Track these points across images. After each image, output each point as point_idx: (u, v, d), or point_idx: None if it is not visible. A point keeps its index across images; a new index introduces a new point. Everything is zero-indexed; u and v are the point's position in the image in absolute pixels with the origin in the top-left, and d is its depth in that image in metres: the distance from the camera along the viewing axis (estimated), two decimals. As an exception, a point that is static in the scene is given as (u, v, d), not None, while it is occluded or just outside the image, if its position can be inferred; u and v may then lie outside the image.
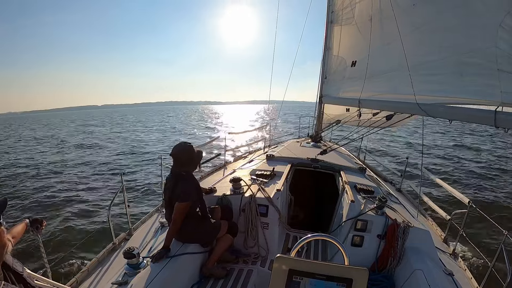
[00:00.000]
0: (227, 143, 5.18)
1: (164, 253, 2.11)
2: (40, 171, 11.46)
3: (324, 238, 1.40)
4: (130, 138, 23.25)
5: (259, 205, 2.80)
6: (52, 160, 13.79)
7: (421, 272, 2.11)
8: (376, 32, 3.56)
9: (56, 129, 36.85)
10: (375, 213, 2.63)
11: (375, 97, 3.50)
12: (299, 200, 3.80)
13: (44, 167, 12.32)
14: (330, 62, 5.23)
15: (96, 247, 4.76)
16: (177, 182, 2.22)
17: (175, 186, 2.21)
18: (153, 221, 3.24)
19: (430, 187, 7.26)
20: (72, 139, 23.86)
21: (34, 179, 10.38)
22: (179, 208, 2.14)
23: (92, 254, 2.57)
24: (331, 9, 5.03)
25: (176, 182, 2.23)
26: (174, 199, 2.18)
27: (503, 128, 1.53)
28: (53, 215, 6.86)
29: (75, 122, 54.29)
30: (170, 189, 2.24)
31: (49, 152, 16.98)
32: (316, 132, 5.99)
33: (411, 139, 18.47)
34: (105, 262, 2.51)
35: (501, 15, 1.56)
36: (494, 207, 7.10)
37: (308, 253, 2.80)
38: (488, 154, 13.71)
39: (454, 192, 3.26)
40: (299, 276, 1.11)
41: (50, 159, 14.35)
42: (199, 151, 2.39)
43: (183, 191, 2.16)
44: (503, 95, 1.57)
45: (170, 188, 2.25)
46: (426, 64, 2.44)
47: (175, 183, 2.22)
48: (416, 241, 2.46)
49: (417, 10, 2.66)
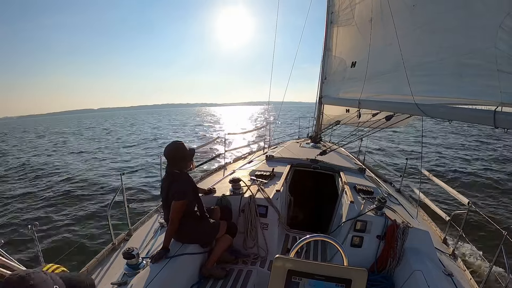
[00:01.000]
0: (226, 144, 5.18)
1: (164, 253, 2.11)
2: (37, 172, 11.46)
3: (323, 238, 1.40)
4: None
5: (259, 206, 2.80)
6: (49, 161, 13.77)
7: (421, 272, 2.11)
8: (376, 33, 3.56)
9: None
10: (375, 214, 2.63)
11: (375, 98, 3.50)
12: (298, 200, 3.80)
13: (40, 167, 12.31)
14: (330, 62, 5.24)
15: (96, 248, 4.76)
16: (172, 182, 2.22)
17: (170, 185, 2.21)
18: (153, 221, 3.24)
19: (429, 188, 7.26)
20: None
21: (32, 179, 10.39)
22: (175, 206, 2.14)
23: (92, 255, 2.57)
24: (331, 10, 5.05)
25: (171, 181, 2.23)
26: (170, 198, 2.18)
27: (503, 128, 1.54)
28: (52, 215, 6.85)
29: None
30: (166, 189, 2.24)
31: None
32: (316, 133, 5.99)
33: (412, 139, 18.51)
34: (104, 262, 2.51)
35: (501, 16, 1.57)
36: (494, 208, 7.11)
37: (307, 253, 2.80)
38: (487, 154, 13.72)
39: (454, 193, 3.26)
40: (298, 276, 1.11)
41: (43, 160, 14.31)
42: (191, 149, 2.39)
43: (178, 190, 2.16)
44: (502, 95, 1.58)
45: (166, 188, 2.24)
46: (426, 65, 2.44)
47: (170, 183, 2.22)
48: (416, 241, 2.46)
49: (417, 11, 2.66)
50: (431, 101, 2.26)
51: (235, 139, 16.48)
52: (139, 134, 28.82)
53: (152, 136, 25.66)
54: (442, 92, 2.18)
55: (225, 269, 2.50)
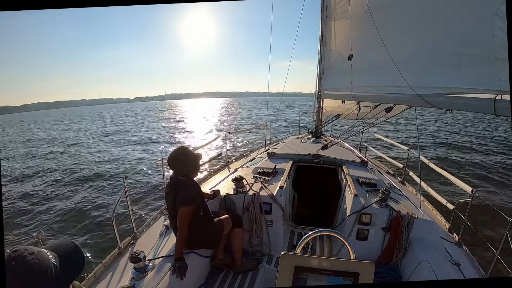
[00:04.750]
0: (227, 143, 5.18)
1: (184, 265, 2.09)
2: (42, 177, 11.49)
3: (329, 233, 1.41)
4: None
5: (263, 203, 2.81)
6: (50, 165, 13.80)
7: (427, 263, 2.12)
8: (372, 25, 3.54)
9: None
10: (379, 206, 2.63)
11: (373, 90, 3.49)
12: (302, 196, 3.80)
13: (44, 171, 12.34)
14: (327, 57, 5.22)
15: (102, 253, 4.78)
16: (177, 188, 2.16)
17: (177, 193, 2.14)
18: (158, 224, 3.25)
19: (432, 178, 7.23)
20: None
21: (34, 183, 10.42)
22: (184, 212, 2.08)
23: (98, 259, 2.58)
24: (326, 3, 5.02)
25: (177, 189, 2.16)
26: (178, 205, 2.11)
27: (503, 116, 1.53)
28: (57, 223, 6.89)
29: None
30: (172, 197, 2.18)
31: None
32: (316, 128, 5.99)
33: (411, 130, 18.48)
34: (111, 267, 2.52)
35: (497, 3, 1.56)
36: (498, 195, 7.10)
37: (313, 248, 2.81)
38: (489, 141, 13.68)
39: (457, 182, 3.25)
40: (306, 272, 1.12)
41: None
42: (198, 154, 2.33)
43: (186, 195, 2.11)
44: (501, 83, 1.57)
45: (172, 197, 2.18)
46: (423, 55, 2.43)
47: (176, 190, 2.16)
48: (421, 232, 2.47)
49: (412, 1, 2.65)
50: (429, 91, 2.26)
51: (236, 138, 16.48)
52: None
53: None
54: (440, 82, 2.17)
55: (255, 259, 2.61)
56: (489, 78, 1.70)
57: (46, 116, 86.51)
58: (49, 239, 5.89)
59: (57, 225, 6.72)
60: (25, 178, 11.38)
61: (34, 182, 10.66)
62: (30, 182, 10.70)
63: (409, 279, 2.23)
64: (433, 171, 3.89)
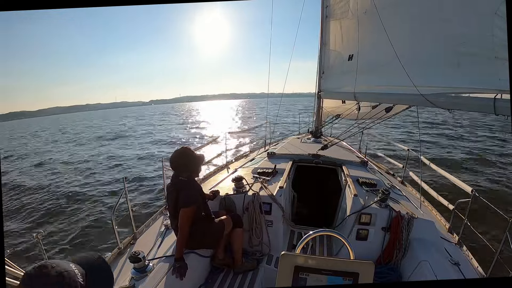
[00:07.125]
0: (227, 143, 5.18)
1: (185, 265, 2.08)
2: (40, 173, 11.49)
3: (329, 233, 1.41)
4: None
5: (263, 203, 2.81)
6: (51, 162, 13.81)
7: (427, 262, 2.11)
8: (372, 25, 3.54)
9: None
10: (379, 206, 2.63)
11: (374, 90, 3.49)
12: (302, 196, 3.80)
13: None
14: (327, 57, 5.22)
15: (102, 253, 4.78)
16: (179, 189, 2.15)
17: (179, 194, 2.14)
18: (158, 224, 3.25)
19: (432, 178, 7.24)
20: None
21: (34, 182, 10.41)
22: (185, 213, 2.07)
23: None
24: (326, 3, 5.02)
25: (179, 189, 2.16)
26: (179, 206, 2.11)
27: (503, 115, 1.53)
28: (56, 222, 6.88)
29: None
30: (174, 198, 2.17)
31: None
32: (316, 128, 5.99)
33: (411, 130, 18.47)
34: (111, 267, 2.52)
35: (497, 3, 1.56)
36: (498, 195, 7.10)
37: (313, 248, 2.81)
38: (489, 141, 13.69)
39: (457, 182, 3.25)
40: (305, 272, 1.12)
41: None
42: (200, 155, 2.33)
43: (188, 196, 2.10)
44: (501, 82, 1.57)
45: (174, 198, 2.17)
46: (423, 55, 2.43)
47: (178, 190, 2.15)
48: (421, 232, 2.46)
49: (413, 1, 2.65)
50: (430, 91, 2.26)
51: (236, 138, 16.47)
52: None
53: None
54: (440, 81, 2.17)
55: (254, 259, 2.59)
56: (489, 77, 1.70)
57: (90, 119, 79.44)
58: (49, 239, 5.89)
59: (58, 225, 6.72)
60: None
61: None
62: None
63: (409, 279, 2.23)
64: (433, 170, 3.89)
